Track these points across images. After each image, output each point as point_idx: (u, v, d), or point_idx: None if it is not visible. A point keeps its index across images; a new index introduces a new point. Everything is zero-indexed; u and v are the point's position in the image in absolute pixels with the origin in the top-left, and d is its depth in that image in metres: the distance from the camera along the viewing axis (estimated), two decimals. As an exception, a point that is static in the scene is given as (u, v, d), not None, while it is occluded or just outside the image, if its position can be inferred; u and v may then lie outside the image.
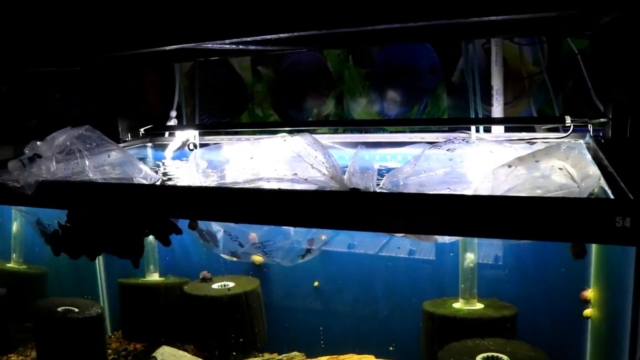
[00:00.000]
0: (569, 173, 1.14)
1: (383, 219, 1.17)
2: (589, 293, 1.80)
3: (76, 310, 2.18)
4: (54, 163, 1.65)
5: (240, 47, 1.61)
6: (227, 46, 1.55)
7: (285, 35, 1.28)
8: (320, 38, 1.76)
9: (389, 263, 2.13)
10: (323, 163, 1.35)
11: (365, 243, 2.15)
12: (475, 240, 1.86)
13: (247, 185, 1.35)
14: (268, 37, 1.30)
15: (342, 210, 1.21)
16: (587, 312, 1.83)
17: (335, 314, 2.26)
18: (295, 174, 1.29)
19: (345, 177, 1.32)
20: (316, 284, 2.26)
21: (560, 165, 1.16)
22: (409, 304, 2.08)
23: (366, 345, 2.17)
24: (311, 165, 1.33)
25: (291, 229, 1.68)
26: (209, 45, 1.51)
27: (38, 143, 1.71)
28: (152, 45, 1.49)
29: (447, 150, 1.43)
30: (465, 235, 1.36)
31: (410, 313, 2.06)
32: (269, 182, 1.34)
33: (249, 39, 1.33)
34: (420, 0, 1.16)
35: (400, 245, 2.08)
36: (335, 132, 2.27)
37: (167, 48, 1.49)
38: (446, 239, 1.49)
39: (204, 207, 1.36)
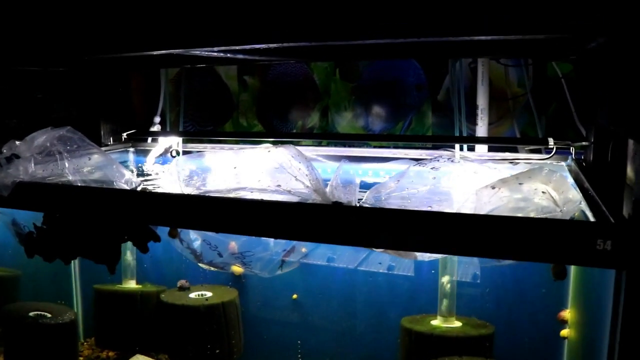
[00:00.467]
0: (552, 197, 1.15)
1: (365, 233, 1.16)
2: (567, 313, 1.82)
3: (48, 315, 2.14)
4: (33, 164, 1.62)
5: (229, 55, 1.60)
6: (215, 54, 1.55)
7: (274, 45, 1.28)
8: (308, 50, 1.77)
9: (369, 278, 2.13)
10: (306, 175, 1.35)
11: (345, 257, 2.15)
12: (455, 258, 1.87)
13: (229, 195, 1.34)
14: (257, 46, 1.29)
15: (324, 223, 1.20)
16: (564, 332, 1.84)
17: (313, 327, 2.25)
18: (279, 185, 1.28)
19: (328, 190, 1.32)
20: (295, 296, 2.25)
21: (543, 188, 1.17)
22: (387, 319, 2.08)
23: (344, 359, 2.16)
24: (295, 177, 1.33)
25: (271, 240, 1.68)
26: (197, 52, 1.50)
27: (17, 143, 1.68)
28: (139, 49, 1.47)
29: (432, 168, 1.43)
30: (447, 253, 1.36)
31: (388, 328, 2.06)
32: (252, 192, 1.33)
33: (237, 47, 1.33)
34: (410, 18, 1.17)
35: (381, 261, 2.08)
36: (319, 144, 2.27)
37: (155, 53, 1.48)
38: (426, 256, 1.49)
39: (184, 215, 1.34)
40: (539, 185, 1.17)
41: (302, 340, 2.27)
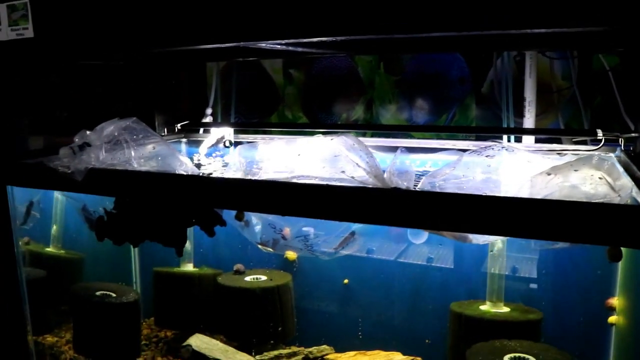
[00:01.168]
0: (608, 182, 1.19)
1: (424, 216, 1.23)
2: (615, 300, 1.85)
3: (113, 295, 2.24)
4: (103, 151, 1.72)
5: (290, 48, 1.66)
6: (279, 47, 1.61)
7: (341, 38, 1.34)
8: (359, 43, 1.82)
9: (418, 264, 2.19)
10: (367, 162, 1.42)
11: (385, 248, 2.22)
12: (505, 244, 1.92)
13: (295, 180, 1.42)
14: (323, 39, 1.36)
15: (385, 206, 1.27)
16: (612, 319, 1.87)
17: (363, 311, 2.31)
18: (344, 171, 1.36)
19: (386, 176, 1.39)
20: (346, 281, 2.31)
21: (599, 174, 1.21)
22: (436, 304, 2.14)
23: (394, 343, 2.22)
24: (356, 164, 1.40)
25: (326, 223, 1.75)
26: (263, 44, 1.56)
27: (87, 132, 1.78)
28: (209, 42, 1.54)
29: (486, 156, 1.48)
30: (500, 235, 1.41)
31: (438, 313, 2.11)
32: (315, 178, 1.41)
33: (304, 40, 1.39)
34: (455, 12, 1.21)
35: (423, 252, 2.16)
36: (364, 135, 2.32)
37: (223, 46, 1.55)
38: (480, 240, 1.55)
39: (251, 198, 1.42)
40: (594, 172, 1.22)
41: (352, 324, 2.33)
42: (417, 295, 2.20)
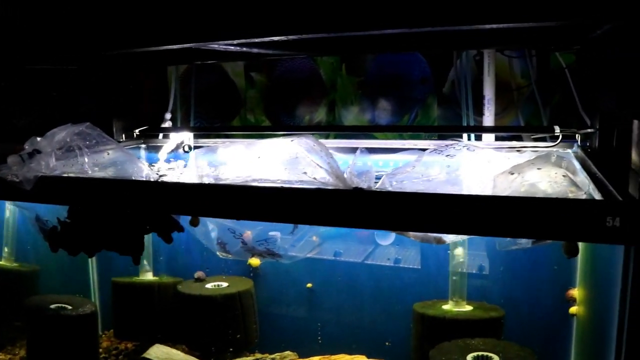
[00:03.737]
0: (572, 180, 1.19)
1: (389, 216, 1.21)
2: (575, 292, 1.88)
3: (69, 307, 2.18)
4: (54, 159, 1.66)
5: (244, 49, 1.64)
6: (232, 48, 1.58)
7: (292, 37, 1.32)
8: (317, 44, 1.81)
9: (381, 267, 2.17)
10: (328, 163, 1.40)
11: (352, 251, 2.21)
12: (465, 243, 1.92)
13: (253, 184, 1.39)
14: (274, 39, 1.34)
15: (348, 208, 1.25)
16: (573, 309, 1.90)
17: (327, 315, 2.30)
18: (305, 172, 1.33)
19: (347, 177, 1.37)
20: (309, 285, 2.29)
21: (563, 172, 1.21)
22: (399, 305, 2.14)
23: (358, 346, 2.22)
24: (317, 165, 1.37)
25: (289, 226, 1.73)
26: (215, 46, 1.53)
27: (38, 139, 1.71)
28: (157, 44, 1.50)
29: (447, 156, 1.47)
30: (464, 234, 1.41)
31: (401, 314, 2.11)
32: (276, 181, 1.38)
33: (255, 40, 1.37)
34: (415, 8, 1.20)
35: (386, 254, 2.16)
36: (327, 137, 2.30)
37: (172, 47, 1.51)
38: (450, 238, 1.54)
39: (209, 204, 1.38)
40: (557, 170, 1.22)
41: (316, 328, 2.31)
42: (382, 297, 2.20)
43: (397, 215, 1.20)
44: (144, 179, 1.57)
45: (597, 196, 1.25)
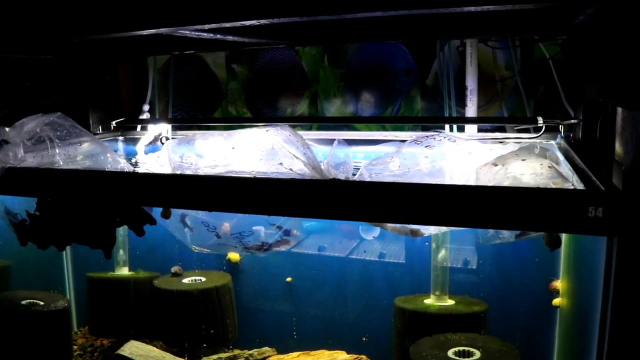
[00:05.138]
0: (559, 171, 1.16)
1: (366, 207, 1.18)
2: (558, 283, 1.87)
3: (41, 303, 2.13)
4: (22, 150, 1.61)
5: (218, 36, 1.59)
6: (205, 34, 1.54)
7: (263, 22, 1.27)
8: (296, 30, 1.77)
9: (363, 260, 2.15)
10: (304, 154, 1.36)
11: (336, 246, 2.19)
12: (448, 237, 1.90)
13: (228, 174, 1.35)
14: (246, 23, 1.29)
15: (325, 198, 1.21)
16: (556, 301, 1.89)
17: (306, 310, 2.27)
18: (281, 163, 1.29)
19: (324, 168, 1.33)
20: (289, 279, 2.26)
21: (548, 163, 1.18)
22: (380, 300, 2.11)
23: (338, 341, 2.19)
24: (294, 155, 1.34)
25: (265, 219, 1.69)
26: (186, 32, 1.49)
27: (6, 129, 1.66)
28: (127, 29, 1.45)
29: (426, 146, 1.44)
30: (444, 225, 1.38)
31: (382, 309, 2.09)
32: (252, 172, 1.34)
33: (227, 25, 1.32)
34: None
35: (370, 248, 2.14)
36: (310, 129, 2.28)
37: (143, 33, 1.46)
38: (431, 229, 1.51)
39: (181, 195, 1.34)
40: (542, 161, 1.19)
41: (295, 324, 2.29)
42: (362, 291, 2.17)
43: (374, 205, 1.17)
44: (113, 170, 1.52)
45: (580, 187, 1.23)
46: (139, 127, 2.35)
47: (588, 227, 1.03)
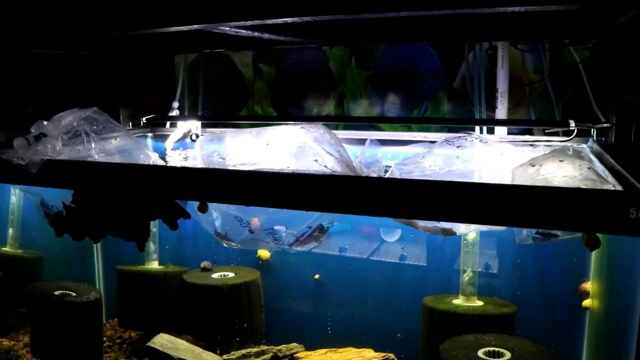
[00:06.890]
0: (598, 172, 1.16)
1: (400, 204, 1.18)
2: (588, 285, 1.85)
3: (73, 294, 2.16)
4: (60, 142, 1.64)
5: (256, 33, 1.61)
6: (243, 32, 1.55)
7: (297, 20, 1.28)
8: (328, 29, 1.77)
9: (388, 263, 2.16)
10: (338, 151, 1.37)
11: (357, 246, 2.20)
12: (477, 240, 1.90)
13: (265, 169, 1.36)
14: (279, 21, 1.30)
15: (359, 194, 1.22)
16: (586, 302, 1.88)
17: (334, 308, 2.28)
18: (316, 159, 1.31)
19: (356, 166, 1.34)
20: (317, 276, 2.27)
21: (587, 164, 1.18)
22: (409, 299, 2.12)
23: (366, 339, 2.20)
24: (328, 152, 1.35)
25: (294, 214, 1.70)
26: (225, 29, 1.50)
27: (45, 122, 1.69)
28: (163, 25, 1.47)
29: (457, 147, 1.45)
30: (480, 223, 1.38)
31: (410, 308, 2.09)
32: (288, 167, 1.35)
33: (269, 21, 1.34)
34: None
35: (395, 250, 2.15)
36: (336, 128, 2.28)
37: (179, 29, 1.48)
38: (462, 228, 1.52)
39: (215, 189, 1.36)
40: (580, 162, 1.18)
41: (323, 321, 2.30)
42: (389, 291, 2.17)
43: (408, 203, 1.17)
44: (147, 163, 1.55)
45: (619, 188, 1.22)
46: (167, 123, 2.38)
47: (629, 228, 1.03)
